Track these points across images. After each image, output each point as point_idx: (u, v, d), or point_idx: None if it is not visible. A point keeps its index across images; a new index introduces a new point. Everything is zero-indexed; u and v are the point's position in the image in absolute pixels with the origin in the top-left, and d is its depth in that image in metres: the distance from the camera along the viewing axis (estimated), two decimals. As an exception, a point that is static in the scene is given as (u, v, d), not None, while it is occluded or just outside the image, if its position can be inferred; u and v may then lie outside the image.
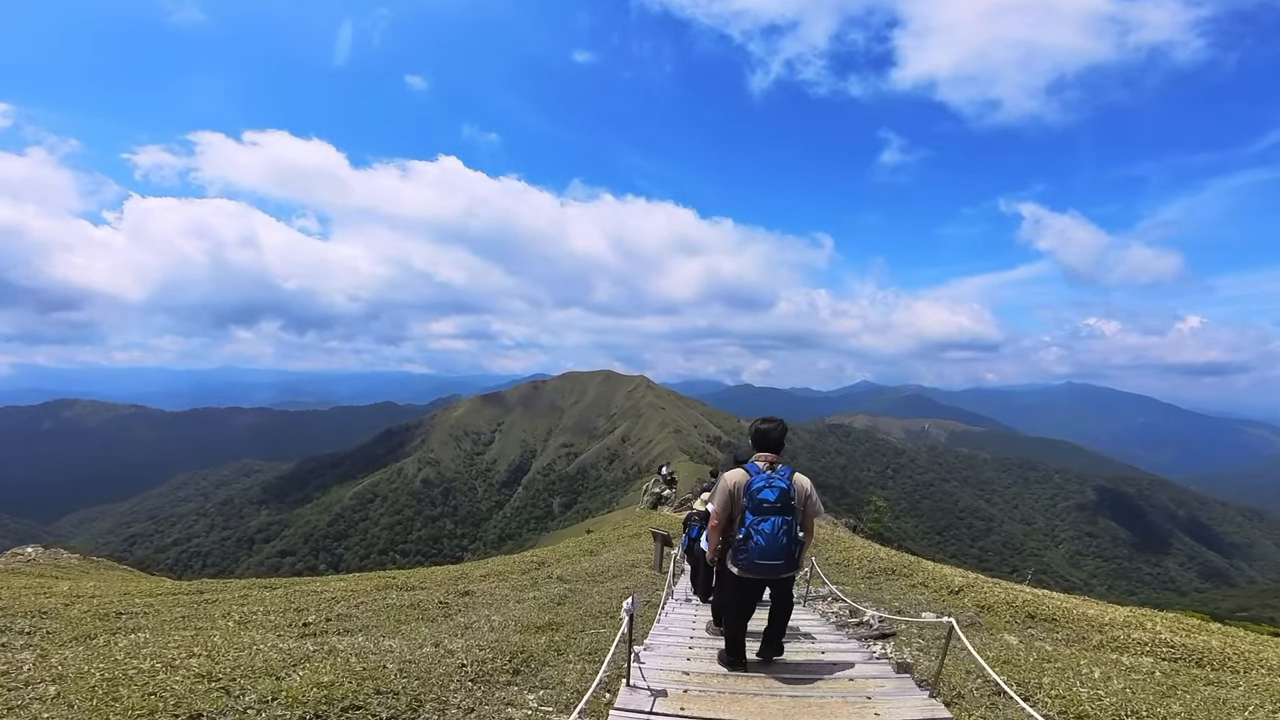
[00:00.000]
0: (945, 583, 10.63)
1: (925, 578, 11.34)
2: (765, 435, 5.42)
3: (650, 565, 14.15)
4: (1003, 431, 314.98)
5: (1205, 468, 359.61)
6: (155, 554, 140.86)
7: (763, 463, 5.25)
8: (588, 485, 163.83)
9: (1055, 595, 11.61)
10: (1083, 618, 8.01)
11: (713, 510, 5.38)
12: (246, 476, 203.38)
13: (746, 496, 5.08)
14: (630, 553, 17.08)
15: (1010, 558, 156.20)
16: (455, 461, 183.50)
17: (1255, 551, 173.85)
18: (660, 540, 14.04)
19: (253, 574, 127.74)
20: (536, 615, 8.08)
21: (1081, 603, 10.35)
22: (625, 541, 21.34)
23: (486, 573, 14.03)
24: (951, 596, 9.74)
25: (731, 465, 5.82)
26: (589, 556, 17.67)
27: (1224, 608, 78.08)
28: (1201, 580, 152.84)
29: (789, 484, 5.09)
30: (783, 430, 5.48)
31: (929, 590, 10.49)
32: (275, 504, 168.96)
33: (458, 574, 14.05)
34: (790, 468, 5.27)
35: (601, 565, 14.63)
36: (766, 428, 5.44)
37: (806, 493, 5.22)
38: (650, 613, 8.67)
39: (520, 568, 15.05)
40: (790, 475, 5.18)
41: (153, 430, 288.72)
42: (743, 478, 5.19)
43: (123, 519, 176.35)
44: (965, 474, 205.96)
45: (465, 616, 8.34)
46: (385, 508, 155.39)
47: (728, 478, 5.29)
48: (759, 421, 5.51)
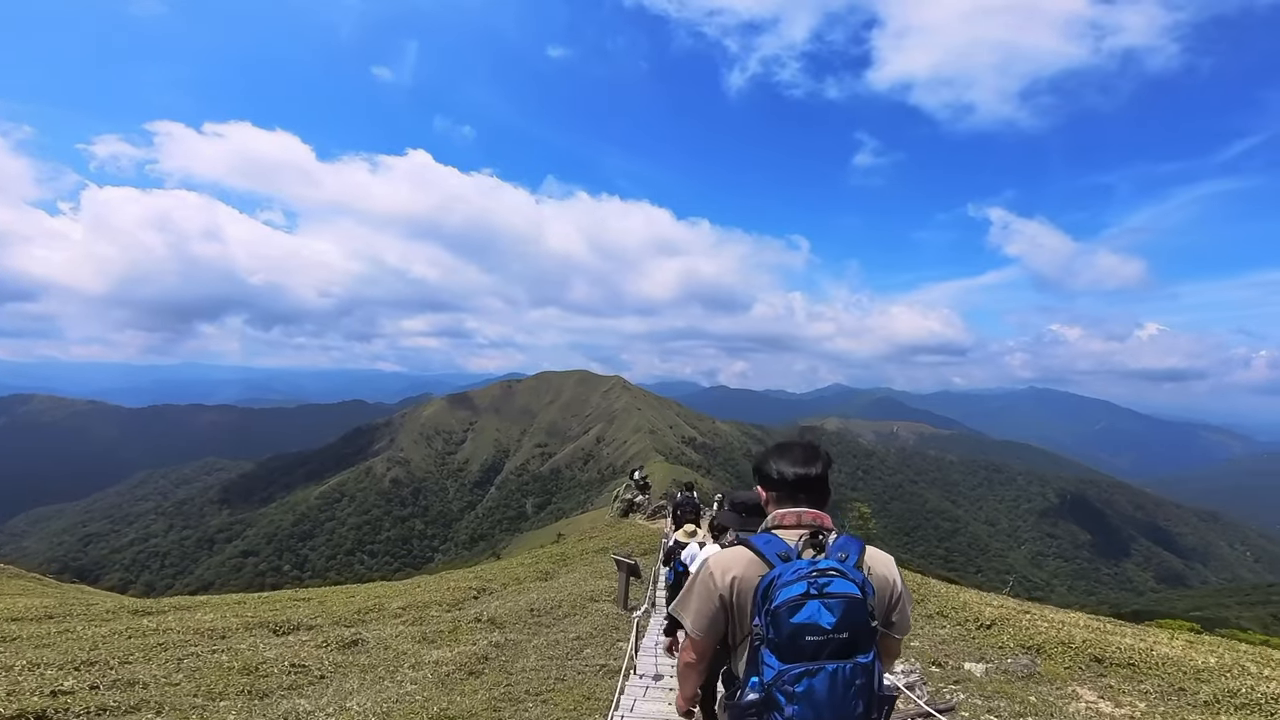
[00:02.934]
0: (970, 613, 8.92)
1: (942, 605, 9.53)
2: (797, 473, 2.50)
3: (613, 599, 11.29)
4: (970, 435, 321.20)
5: (1163, 471, 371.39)
6: (111, 554, 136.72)
7: (793, 532, 2.49)
8: (562, 486, 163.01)
9: (1107, 624, 9.91)
10: (1165, 660, 6.52)
11: (686, 634, 2.50)
12: (209, 475, 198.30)
13: (764, 617, 2.48)
14: (592, 576, 14.29)
15: (975, 558, 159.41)
16: (426, 461, 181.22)
17: (1210, 553, 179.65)
18: (625, 570, 11.11)
19: (213, 575, 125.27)
20: (425, 703, 5.71)
21: (1143, 635, 8.73)
22: (589, 559, 18.22)
23: (406, 604, 11.26)
24: (983, 633, 8.10)
25: (727, 517, 3.56)
26: (540, 581, 14.87)
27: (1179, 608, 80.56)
28: (1157, 581, 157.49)
29: (861, 582, 2.47)
30: (826, 464, 2.53)
31: (951, 623, 8.75)
32: (238, 503, 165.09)
33: (367, 604, 11.32)
34: (857, 539, 2.50)
35: (552, 596, 11.70)
36: (798, 471, 2.50)
37: (892, 592, 2.48)
38: (606, 685, 6.40)
39: (451, 597, 12.14)
40: (859, 556, 2.48)
41: (112, 427, 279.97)
42: (749, 569, 2.48)
43: (78, 518, 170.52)
44: (933, 476, 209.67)
45: (315, 697, 5.98)
46: (353, 508, 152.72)
47: (714, 566, 2.48)
48: (775, 454, 2.51)
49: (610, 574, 13.23)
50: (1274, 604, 75.48)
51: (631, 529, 25.31)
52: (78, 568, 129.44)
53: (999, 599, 11.33)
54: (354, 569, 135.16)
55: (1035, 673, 6.54)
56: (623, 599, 11.04)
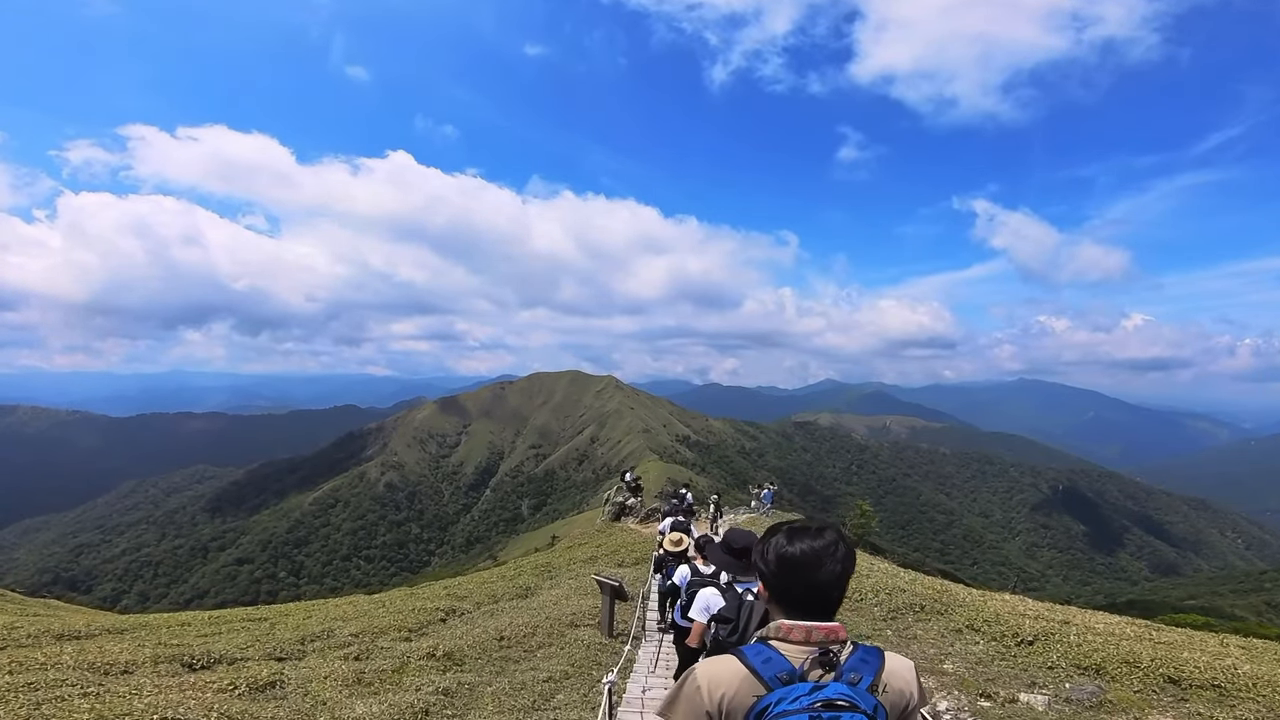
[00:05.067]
0: (1006, 626, 7.71)
1: (971, 616, 8.34)
2: (805, 571, 2.18)
3: (597, 622, 9.99)
4: (961, 427, 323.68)
5: (1151, 460, 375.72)
6: (103, 564, 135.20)
7: (799, 649, 2.17)
8: (557, 487, 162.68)
9: (1161, 632, 8.87)
10: (1256, 680, 5.63)
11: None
12: (199, 483, 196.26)
13: None
14: (575, 594, 12.70)
15: (970, 550, 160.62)
16: (420, 465, 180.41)
17: (1201, 540, 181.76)
18: (609, 592, 9.65)
19: (208, 583, 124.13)
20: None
21: (1219, 648, 7.68)
22: (575, 570, 16.27)
23: (359, 630, 9.65)
24: (1026, 651, 6.95)
25: (721, 559, 3.41)
26: (519, 600, 13.23)
27: (1174, 596, 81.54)
28: (1151, 570, 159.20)
29: (873, 710, 2.17)
30: (845, 552, 2.19)
31: (985, 638, 7.58)
32: (230, 511, 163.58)
33: (317, 630, 9.64)
34: (875, 651, 2.18)
35: (528, 620, 10.08)
36: (803, 552, 2.17)
37: (907, 706, 2.18)
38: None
39: (415, 620, 10.59)
40: (875, 676, 2.17)
41: (98, 437, 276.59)
42: (742, 688, 2.17)
43: (68, 529, 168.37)
44: (926, 469, 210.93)
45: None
46: (347, 513, 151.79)
47: (703, 679, 2.17)
48: (783, 555, 2.17)
49: (596, 590, 11.17)
50: (1267, 591, 76.60)
51: (623, 535, 23.28)
52: (69, 578, 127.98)
53: (1031, 606, 10.30)
54: (350, 574, 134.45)
55: (1105, 700, 5.54)
56: (607, 625, 9.65)
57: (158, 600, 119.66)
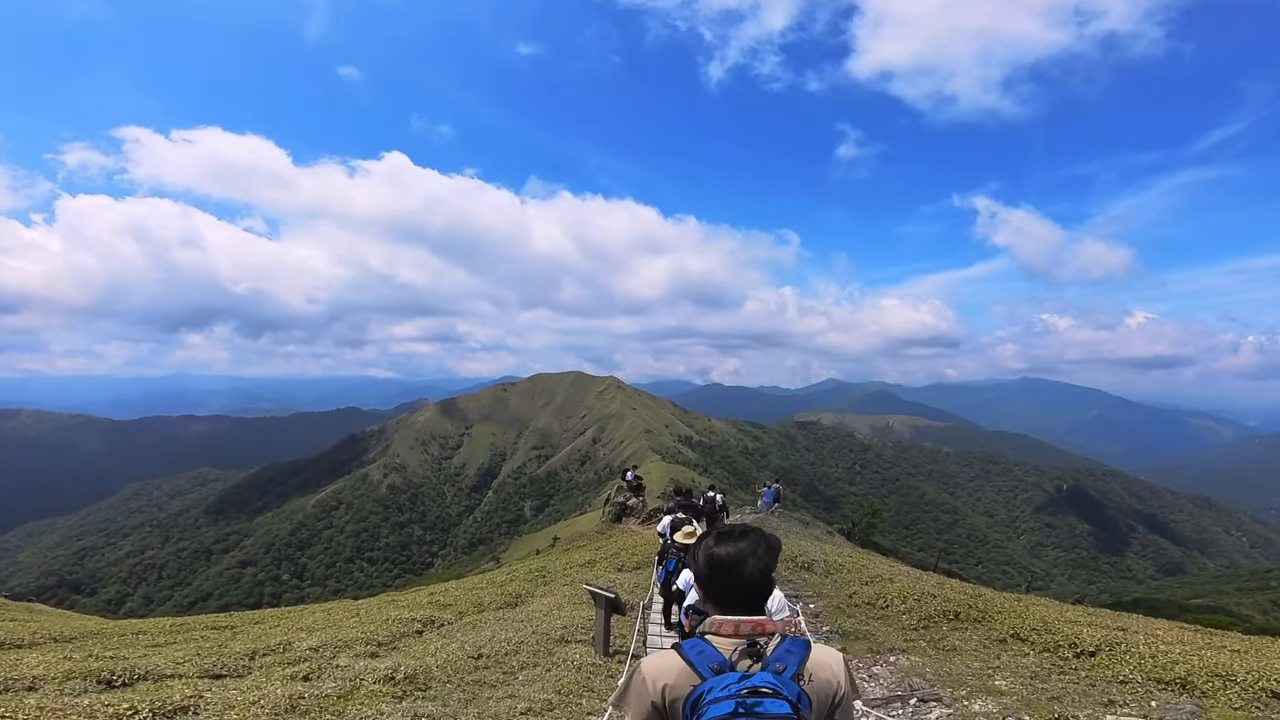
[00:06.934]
0: (1060, 636, 6.92)
1: (1015, 625, 7.54)
2: (730, 571, 2.42)
3: (591, 638, 8.84)
4: (964, 426, 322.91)
5: (1154, 458, 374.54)
6: (107, 567, 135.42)
7: (729, 640, 2.40)
8: (559, 488, 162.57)
9: (1228, 640, 8.14)
10: None
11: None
12: (202, 486, 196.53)
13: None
14: (569, 603, 11.39)
15: (975, 550, 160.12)
16: (423, 466, 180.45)
17: (1206, 539, 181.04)
18: (604, 605, 8.39)
19: (211, 586, 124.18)
20: None
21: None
22: (572, 576, 14.93)
23: (320, 643, 8.33)
24: (1089, 664, 6.19)
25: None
26: (506, 609, 11.96)
27: (1179, 595, 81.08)
28: (1156, 569, 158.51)
29: (795, 697, 2.39)
30: (766, 550, 2.42)
31: (1036, 650, 6.79)
32: (233, 514, 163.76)
33: (275, 642, 8.42)
34: (800, 642, 2.39)
35: (513, 634, 8.84)
36: (728, 553, 2.42)
37: (834, 696, 2.39)
38: None
39: (387, 632, 9.22)
40: (799, 666, 2.39)
41: (101, 440, 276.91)
42: (680, 679, 2.42)
43: (71, 532, 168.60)
44: (929, 468, 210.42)
45: None
46: (350, 515, 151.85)
47: (647, 672, 2.43)
48: (712, 556, 2.42)
49: (591, 603, 9.76)
50: (1272, 590, 76.10)
51: (624, 537, 21.67)
52: (73, 581, 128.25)
53: (1081, 612, 9.42)
54: (353, 576, 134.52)
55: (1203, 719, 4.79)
56: (601, 642, 8.32)
57: (162, 603, 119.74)
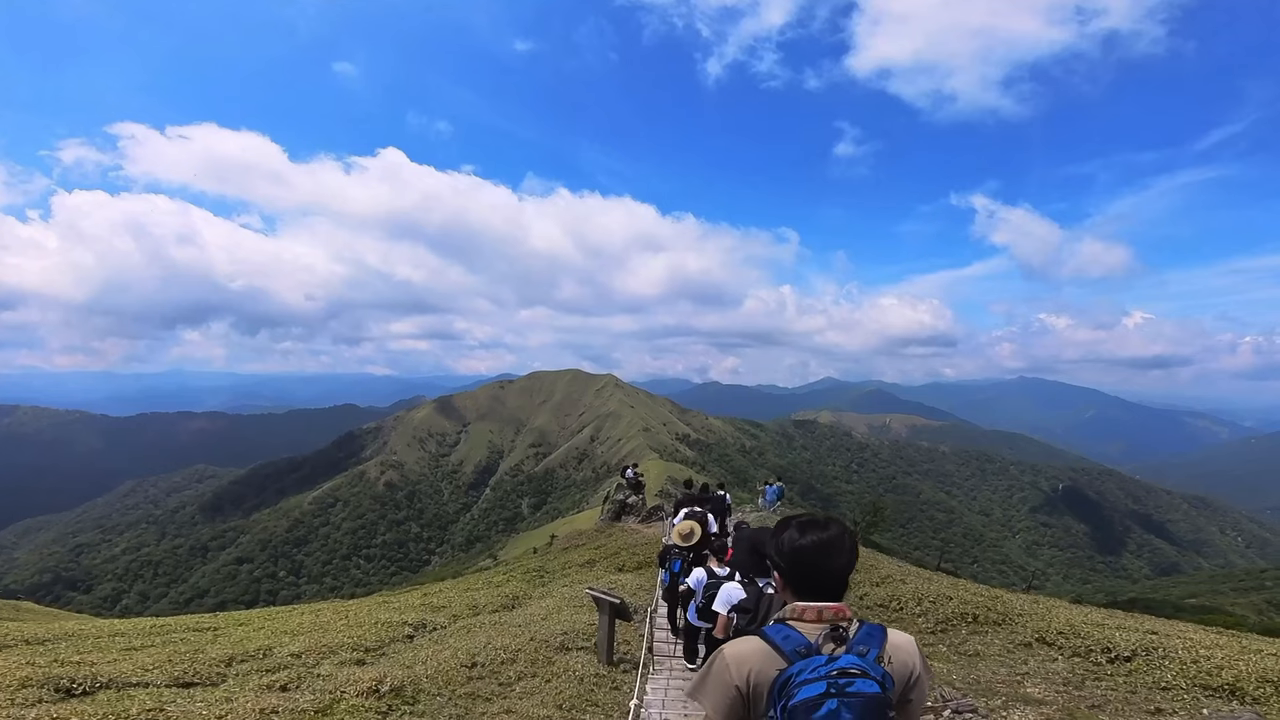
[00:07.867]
0: (1091, 640, 6.49)
1: (1040, 628, 7.09)
2: (818, 561, 2.46)
3: (593, 644, 8.37)
4: (961, 425, 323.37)
5: (1152, 458, 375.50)
6: (103, 564, 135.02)
7: (813, 626, 2.45)
8: (557, 485, 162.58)
9: (1265, 644, 7.40)
10: None
11: None
12: (199, 483, 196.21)
13: (780, 713, 2.45)
14: (568, 606, 10.77)
15: (971, 548, 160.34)
16: (420, 464, 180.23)
17: (1202, 539, 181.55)
18: (608, 610, 7.83)
19: (207, 583, 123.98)
20: None
21: None
22: (571, 577, 14.20)
23: (303, 648, 7.62)
24: (1125, 669, 5.80)
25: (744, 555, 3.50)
26: (502, 612, 11.24)
27: (1175, 594, 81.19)
28: (1152, 569, 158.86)
29: (881, 678, 2.46)
30: (851, 542, 2.46)
31: (1065, 654, 6.38)
32: (230, 510, 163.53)
33: (255, 647, 7.74)
34: (878, 628, 2.46)
35: (508, 641, 8.09)
36: (816, 542, 2.46)
37: (910, 676, 2.47)
38: None
39: (375, 636, 8.49)
40: (880, 649, 2.46)
41: (98, 437, 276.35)
42: (765, 663, 2.45)
43: (68, 529, 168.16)
44: (926, 467, 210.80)
45: None
46: (347, 512, 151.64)
47: (730, 658, 2.44)
48: (798, 545, 2.46)
49: (593, 607, 9.10)
50: (1268, 590, 76.19)
51: (624, 536, 20.76)
52: (69, 578, 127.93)
53: (1107, 615, 9.02)
54: (350, 573, 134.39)
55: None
56: (605, 650, 7.81)
57: (158, 600, 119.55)
